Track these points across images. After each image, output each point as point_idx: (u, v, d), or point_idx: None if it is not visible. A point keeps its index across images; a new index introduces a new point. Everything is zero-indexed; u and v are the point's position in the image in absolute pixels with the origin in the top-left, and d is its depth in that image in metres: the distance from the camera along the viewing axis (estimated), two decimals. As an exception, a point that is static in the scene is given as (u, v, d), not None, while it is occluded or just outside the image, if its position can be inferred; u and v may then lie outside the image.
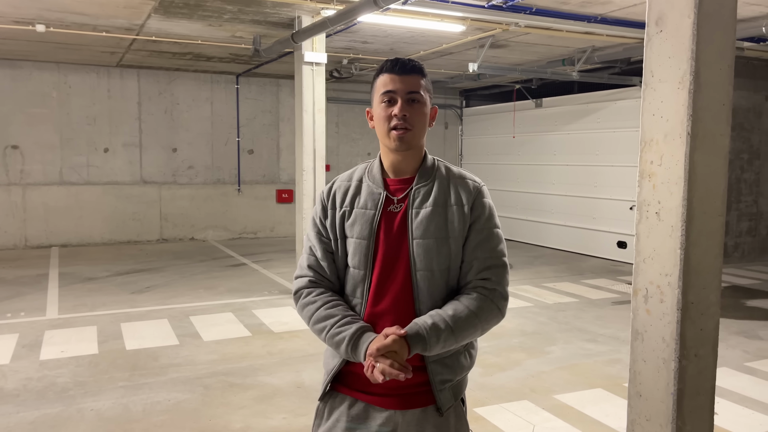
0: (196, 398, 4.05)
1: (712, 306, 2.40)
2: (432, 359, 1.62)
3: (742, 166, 9.50)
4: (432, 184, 1.68)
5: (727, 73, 2.34)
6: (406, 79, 1.64)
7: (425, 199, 1.66)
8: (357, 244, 1.66)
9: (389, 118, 1.63)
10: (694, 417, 2.40)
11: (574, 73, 9.16)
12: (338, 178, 1.80)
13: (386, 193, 1.69)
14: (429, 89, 1.70)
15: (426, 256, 1.61)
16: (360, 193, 1.72)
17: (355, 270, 1.67)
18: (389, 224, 1.66)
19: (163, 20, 7.14)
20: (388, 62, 1.67)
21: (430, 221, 1.63)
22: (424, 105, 1.66)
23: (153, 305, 6.52)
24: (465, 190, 1.68)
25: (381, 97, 1.65)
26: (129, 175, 11.05)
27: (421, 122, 1.65)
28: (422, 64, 1.70)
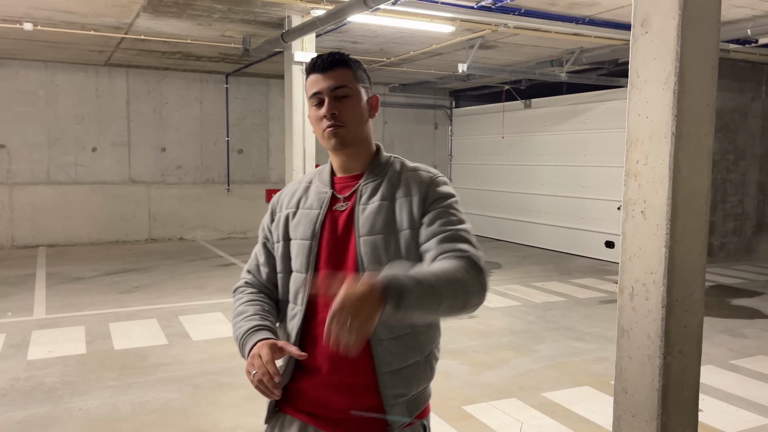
0: (185, 397, 4.04)
1: (696, 303, 2.43)
2: (385, 370, 1.44)
3: (728, 166, 9.60)
4: (382, 179, 1.57)
5: (710, 74, 2.38)
6: (330, 76, 1.53)
7: (372, 195, 1.54)
8: (300, 245, 1.56)
9: (320, 119, 1.54)
10: (679, 412, 2.44)
11: (562, 74, 9.23)
12: (290, 183, 1.74)
13: (333, 191, 1.59)
14: (361, 78, 1.58)
15: (373, 254, 1.47)
16: (307, 193, 1.63)
17: (298, 274, 1.55)
18: (334, 224, 1.55)
19: (152, 19, 7.11)
20: (311, 61, 1.57)
21: (377, 216, 1.50)
22: (354, 98, 1.55)
23: (142, 305, 6.50)
24: (416, 181, 1.54)
25: (310, 100, 1.57)
26: (117, 174, 10.99)
27: (355, 116, 1.55)
28: (348, 56, 1.58)
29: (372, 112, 1.62)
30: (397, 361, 1.46)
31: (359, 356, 1.40)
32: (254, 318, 1.53)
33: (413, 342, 1.49)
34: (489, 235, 12.45)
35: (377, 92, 9.15)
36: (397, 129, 13.35)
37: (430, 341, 1.54)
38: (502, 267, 9.21)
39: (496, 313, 6.40)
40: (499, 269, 9.00)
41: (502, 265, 9.33)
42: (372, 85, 1.65)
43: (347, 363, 1.43)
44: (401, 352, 1.47)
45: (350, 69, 1.57)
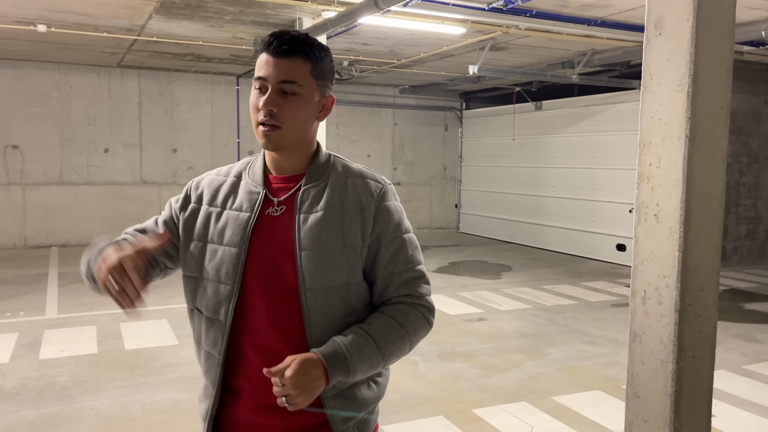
0: (195, 398, 4.05)
1: (710, 308, 2.41)
2: (329, 394, 1.31)
3: (741, 169, 9.52)
4: (324, 184, 1.39)
5: (725, 76, 2.36)
6: (281, 64, 1.31)
7: (315, 202, 1.36)
8: (225, 252, 1.34)
9: (257, 109, 1.33)
10: (692, 418, 2.41)
11: (574, 76, 9.18)
12: (213, 171, 1.51)
13: (266, 192, 1.39)
14: (320, 74, 1.36)
15: (318, 271, 1.31)
16: (236, 191, 1.42)
17: (220, 285, 1.34)
18: (267, 230, 1.35)
19: (164, 21, 7.16)
20: (269, 37, 1.33)
21: (323, 228, 1.33)
22: (302, 98, 1.33)
23: (152, 305, 6.52)
24: (365, 192, 1.38)
25: (254, 82, 1.35)
26: (129, 175, 11.06)
27: (296, 119, 1.33)
28: (313, 42, 1.35)
29: (322, 114, 1.41)
30: (340, 384, 1.32)
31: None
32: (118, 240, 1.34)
33: None
34: (499, 237, 12.41)
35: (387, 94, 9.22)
36: (407, 131, 13.34)
37: None
38: (512, 269, 9.17)
39: (506, 316, 6.37)
40: (509, 272, 8.96)
41: (512, 268, 9.29)
42: (334, 82, 1.45)
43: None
44: None
45: (309, 61, 1.33)
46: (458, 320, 6.13)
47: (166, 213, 1.49)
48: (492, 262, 9.85)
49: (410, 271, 1.39)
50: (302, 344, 1.32)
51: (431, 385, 4.37)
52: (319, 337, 1.31)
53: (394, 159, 13.37)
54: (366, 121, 13.04)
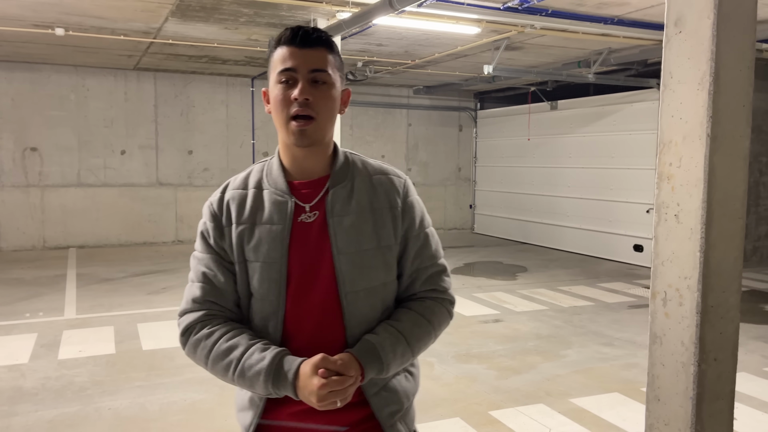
0: (211, 398, 4.07)
1: (732, 309, 2.37)
2: (371, 391, 1.34)
3: (761, 169, 9.38)
4: (351, 184, 1.37)
5: (747, 74, 2.32)
6: (309, 54, 1.30)
7: (346, 204, 1.35)
8: (265, 268, 1.32)
9: (288, 102, 1.30)
10: (714, 422, 2.38)
11: (589, 75, 9.11)
12: (229, 185, 1.43)
13: (295, 199, 1.36)
14: (339, 67, 1.37)
15: (357, 273, 1.32)
16: (261, 203, 1.36)
17: (264, 301, 1.33)
18: (303, 239, 1.33)
19: (180, 23, 7.21)
20: (288, 31, 1.32)
21: (358, 230, 1.33)
22: (332, 87, 1.33)
23: (169, 306, 6.57)
24: (391, 189, 1.40)
25: (278, 75, 1.31)
26: (145, 177, 11.15)
27: (328, 109, 1.32)
28: (330, 36, 1.37)
29: (342, 108, 1.40)
30: (382, 379, 1.36)
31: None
32: (263, 347, 1.30)
33: None
34: (514, 238, 12.34)
35: (401, 95, 9.24)
36: (421, 131, 13.32)
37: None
38: (528, 270, 9.12)
39: (523, 317, 6.33)
40: (525, 272, 8.91)
41: (528, 269, 9.24)
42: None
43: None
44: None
45: (333, 52, 1.35)
46: (474, 321, 6.10)
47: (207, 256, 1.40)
48: (507, 263, 9.80)
49: (434, 266, 1.44)
50: (343, 347, 1.34)
51: (447, 386, 4.35)
52: (360, 338, 1.34)
53: (408, 160, 13.35)
54: (380, 122, 13.04)
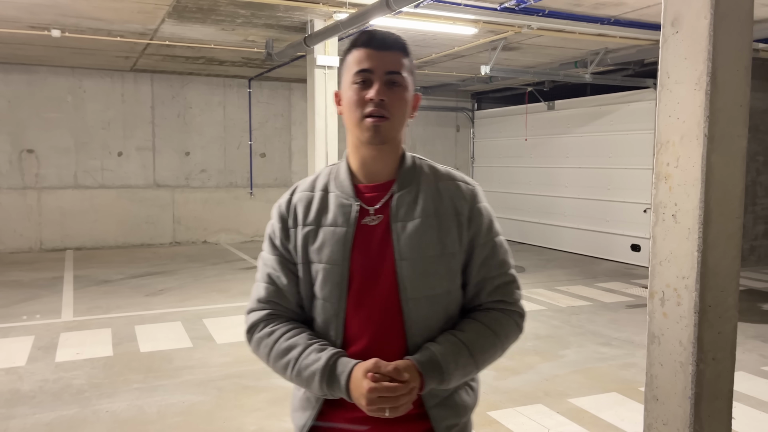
0: (210, 400, 4.07)
1: (730, 309, 2.37)
2: (431, 403, 1.33)
3: (758, 168, 9.40)
4: (417, 189, 1.37)
5: (743, 74, 2.32)
6: (385, 57, 1.32)
7: (411, 209, 1.34)
8: (327, 270, 1.33)
9: (363, 102, 1.31)
10: (712, 421, 2.38)
11: (586, 75, 9.12)
12: (298, 188, 1.46)
13: (360, 203, 1.37)
14: (412, 71, 1.38)
15: (419, 280, 1.31)
16: (327, 206, 1.38)
17: (326, 303, 1.34)
18: (366, 242, 1.34)
19: (177, 25, 7.20)
20: (364, 34, 1.34)
21: (421, 236, 1.32)
22: (405, 90, 1.34)
23: (167, 308, 6.56)
24: (459, 195, 1.38)
25: (353, 77, 1.33)
26: (142, 178, 11.14)
27: (401, 110, 1.34)
28: (405, 40, 1.38)
29: (412, 112, 1.42)
30: (443, 391, 1.34)
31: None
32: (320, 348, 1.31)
33: None
34: (512, 238, 12.35)
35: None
36: (418, 132, 13.33)
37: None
38: (526, 270, 9.12)
39: (520, 317, 6.32)
40: (523, 273, 8.91)
41: (525, 269, 9.24)
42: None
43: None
44: None
45: (407, 56, 1.36)
46: (472, 322, 6.09)
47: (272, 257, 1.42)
48: (505, 263, 9.79)
49: (503, 276, 1.39)
50: (403, 354, 1.32)
51: (446, 387, 4.34)
52: (419, 347, 1.32)
53: (405, 160, 13.35)
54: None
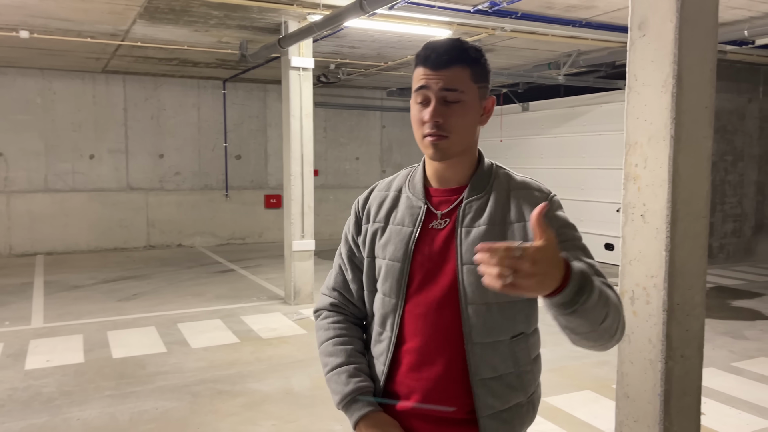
0: (184, 406, 4.02)
1: (698, 307, 2.42)
2: (485, 413, 1.31)
3: (726, 168, 9.60)
4: (487, 196, 1.37)
5: (709, 76, 2.37)
6: (442, 75, 1.30)
7: (478, 216, 1.34)
8: (389, 267, 1.38)
9: (422, 122, 1.33)
10: (682, 417, 2.42)
11: (560, 77, 9.23)
12: (377, 187, 1.52)
13: (428, 206, 1.39)
14: (479, 77, 1.34)
15: (480, 286, 1.27)
16: (397, 206, 1.43)
17: (386, 297, 1.39)
18: (430, 244, 1.37)
19: (149, 26, 7.11)
20: (423, 51, 1.33)
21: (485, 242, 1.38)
22: (466, 105, 1.32)
23: (140, 313, 6.47)
24: (529, 202, 1.35)
25: (415, 95, 1.34)
26: (115, 181, 10.97)
27: (462, 126, 1.33)
28: (470, 47, 1.33)
29: (485, 117, 1.39)
30: (499, 403, 1.32)
31: (454, 393, 1.33)
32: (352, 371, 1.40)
33: (516, 382, 1.35)
34: (488, 238, 12.41)
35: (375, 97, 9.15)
36: (395, 133, 13.35)
37: (533, 380, 1.41)
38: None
39: (496, 317, 6.36)
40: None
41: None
42: (491, 81, 1.41)
43: (440, 399, 1.33)
44: (504, 392, 1.33)
45: (468, 67, 1.32)
46: (448, 322, 6.12)
47: (345, 249, 1.51)
48: (481, 263, 9.84)
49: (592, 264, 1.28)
50: (461, 360, 1.32)
51: (422, 388, 4.35)
52: (481, 355, 1.31)
53: (382, 161, 13.37)
54: (354, 124, 13.03)
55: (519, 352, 1.36)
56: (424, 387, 1.34)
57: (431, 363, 1.34)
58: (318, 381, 4.48)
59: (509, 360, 1.34)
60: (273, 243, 11.89)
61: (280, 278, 7.80)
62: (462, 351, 1.32)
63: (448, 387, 1.34)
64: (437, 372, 1.33)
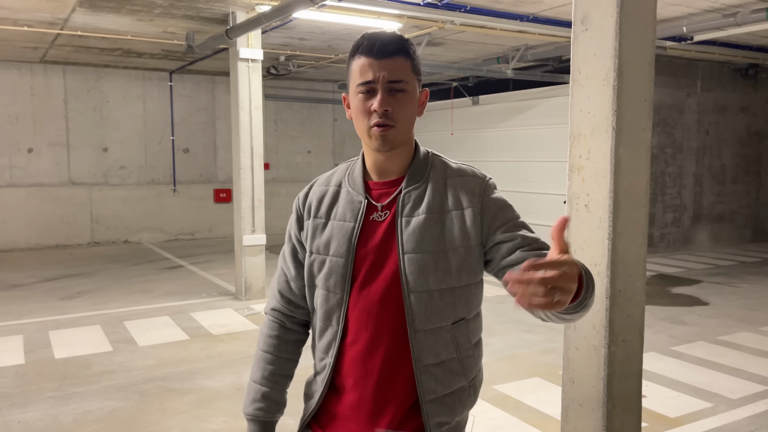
0: (131, 405, 3.91)
1: (638, 293, 2.50)
2: (428, 398, 1.34)
3: (667, 159, 9.96)
4: (425, 185, 1.39)
5: (647, 70, 2.45)
6: (387, 65, 1.32)
7: (417, 205, 1.37)
8: (333, 263, 1.38)
9: (368, 113, 1.33)
10: (624, 400, 2.50)
11: (508, 71, 9.38)
12: (316, 182, 1.53)
13: (368, 199, 1.41)
14: (417, 70, 1.38)
15: (421, 274, 1.32)
16: (338, 201, 1.44)
17: (330, 293, 1.39)
18: (372, 237, 1.38)
19: (89, 14, 6.85)
20: (365, 41, 1.33)
21: (424, 231, 1.34)
22: (409, 94, 1.35)
23: (84, 311, 6.26)
24: (466, 189, 1.39)
25: (357, 87, 1.34)
26: (56, 176, 10.57)
27: (407, 116, 1.36)
28: (407, 39, 1.37)
29: (420, 110, 1.42)
30: (442, 388, 1.35)
31: (400, 381, 1.35)
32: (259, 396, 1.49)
33: (458, 367, 1.38)
34: (440, 230, 12.54)
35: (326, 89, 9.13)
36: (347, 126, 13.30)
37: (475, 364, 1.43)
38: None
39: (448, 308, 6.44)
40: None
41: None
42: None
43: (386, 387, 1.35)
44: (446, 378, 1.36)
45: (410, 59, 1.36)
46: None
47: (288, 249, 1.52)
48: (433, 255, 9.94)
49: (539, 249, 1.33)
50: (405, 348, 1.34)
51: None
52: (423, 342, 1.34)
53: (335, 155, 13.31)
54: (305, 117, 12.92)
55: (460, 337, 1.38)
56: (371, 377, 1.35)
57: (376, 353, 1.35)
58: (270, 376, 4.44)
59: (451, 345, 1.36)
60: (223, 238, 11.69)
61: (231, 274, 7.69)
62: (406, 339, 1.34)
63: (393, 375, 1.35)
64: (382, 361, 1.35)
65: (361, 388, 1.37)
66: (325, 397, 1.43)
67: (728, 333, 5.55)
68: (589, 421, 2.51)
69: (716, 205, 10.76)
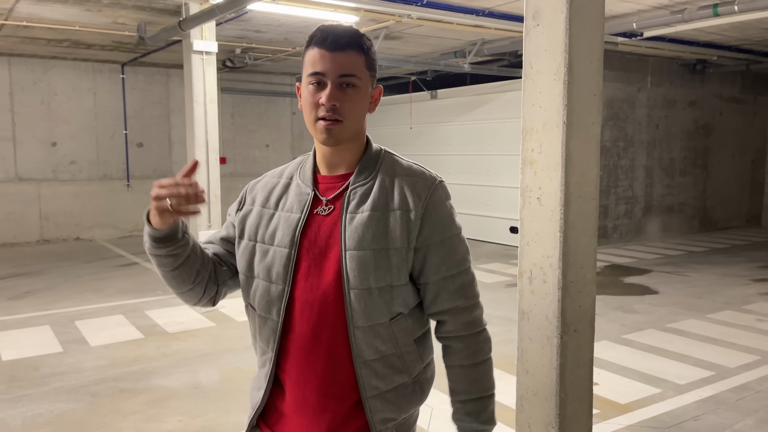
0: (82, 407, 3.81)
1: (589, 284, 2.56)
2: (370, 394, 1.35)
3: (619, 153, 10.22)
4: (373, 182, 1.39)
5: (597, 65, 2.50)
6: (339, 58, 1.30)
7: (362, 202, 1.36)
8: (276, 253, 1.38)
9: (316, 105, 1.32)
10: (576, 388, 2.56)
11: (465, 65, 9.45)
12: (269, 173, 1.53)
13: (315, 192, 1.40)
14: (371, 65, 1.37)
15: (361, 272, 1.32)
16: (287, 192, 1.44)
17: (272, 285, 1.37)
18: (316, 231, 1.37)
19: (35, 4, 6.60)
20: (319, 32, 1.32)
21: (367, 229, 1.33)
22: (360, 90, 1.34)
23: (33, 311, 6.06)
24: (413, 190, 1.38)
25: (308, 78, 1.33)
26: (2, 171, 10.17)
27: (355, 111, 1.34)
28: (364, 35, 1.36)
29: (372, 106, 1.42)
30: (383, 384, 1.36)
31: (342, 376, 1.35)
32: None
33: (399, 362, 1.38)
34: (400, 224, 12.59)
35: (284, 83, 9.06)
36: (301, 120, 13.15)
37: (417, 360, 1.43)
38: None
39: (407, 301, 6.47)
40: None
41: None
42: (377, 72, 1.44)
43: (328, 383, 1.35)
44: (387, 373, 1.36)
45: (363, 54, 1.34)
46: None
47: (227, 222, 1.53)
48: (393, 249, 9.97)
49: (462, 275, 1.42)
50: (345, 344, 1.34)
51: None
52: (363, 338, 1.34)
53: (293, 149, 13.19)
54: (263, 111, 12.76)
55: (398, 332, 1.38)
56: (312, 372, 1.35)
57: (318, 348, 1.35)
58: (227, 374, 4.39)
59: (390, 341, 1.37)
60: (180, 234, 11.46)
61: (188, 270, 7.55)
62: (346, 335, 1.35)
63: (335, 371, 1.35)
64: (324, 357, 1.34)
65: (303, 384, 1.36)
66: (270, 393, 1.42)
67: (677, 321, 5.74)
68: (542, 410, 2.56)
69: (666, 197, 11.10)
